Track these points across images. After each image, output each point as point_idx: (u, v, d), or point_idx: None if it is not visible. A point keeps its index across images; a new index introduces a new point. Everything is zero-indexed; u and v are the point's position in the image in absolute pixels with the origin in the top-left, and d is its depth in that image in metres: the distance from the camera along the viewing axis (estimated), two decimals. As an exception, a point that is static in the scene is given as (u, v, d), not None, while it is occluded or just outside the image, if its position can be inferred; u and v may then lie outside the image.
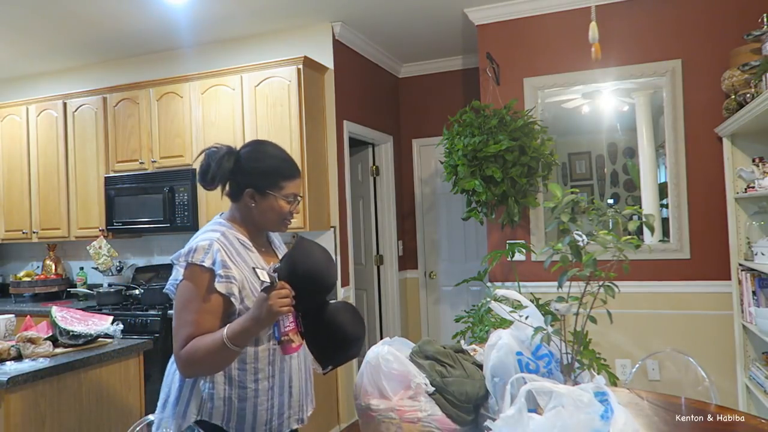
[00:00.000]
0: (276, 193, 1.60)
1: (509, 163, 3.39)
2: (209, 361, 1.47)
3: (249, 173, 1.60)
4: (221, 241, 1.56)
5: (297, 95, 3.65)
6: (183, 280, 1.53)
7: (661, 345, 3.36)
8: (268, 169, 1.60)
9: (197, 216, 3.91)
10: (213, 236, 1.56)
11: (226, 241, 1.57)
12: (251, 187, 1.60)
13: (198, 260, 1.51)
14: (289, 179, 1.62)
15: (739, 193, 3.08)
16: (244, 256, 1.59)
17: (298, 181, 1.64)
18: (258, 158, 1.62)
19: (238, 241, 1.61)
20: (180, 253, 1.56)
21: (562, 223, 1.52)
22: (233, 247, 1.58)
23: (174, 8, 3.61)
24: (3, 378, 1.98)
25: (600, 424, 1.18)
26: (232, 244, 1.58)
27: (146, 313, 3.68)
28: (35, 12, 3.59)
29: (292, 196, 1.62)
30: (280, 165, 1.62)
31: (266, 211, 1.62)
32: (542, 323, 1.58)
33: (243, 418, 1.54)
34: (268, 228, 1.69)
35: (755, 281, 2.90)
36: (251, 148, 1.66)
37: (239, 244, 1.60)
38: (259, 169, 1.60)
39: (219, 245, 1.53)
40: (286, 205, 1.62)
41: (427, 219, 5.09)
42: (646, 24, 3.50)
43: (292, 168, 1.64)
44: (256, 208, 1.62)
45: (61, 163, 4.39)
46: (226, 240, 1.58)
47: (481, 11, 3.82)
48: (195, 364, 1.48)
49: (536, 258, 3.65)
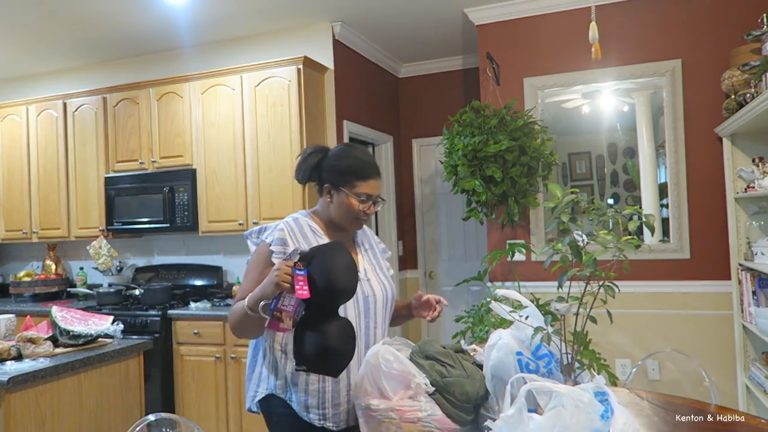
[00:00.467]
0: (348, 190, 1.69)
1: (509, 163, 3.39)
2: (237, 324, 1.62)
3: (329, 170, 1.73)
4: (289, 223, 1.70)
5: (297, 95, 3.65)
6: (252, 255, 1.71)
7: (661, 345, 3.36)
8: (344, 168, 1.70)
9: (197, 216, 3.92)
10: (284, 219, 1.73)
11: (295, 224, 1.71)
12: (329, 183, 1.72)
13: (264, 237, 1.69)
14: (363, 179, 1.70)
15: (739, 193, 3.08)
16: (309, 239, 1.69)
17: (372, 182, 1.72)
18: (340, 157, 1.73)
19: (309, 228, 1.73)
20: (253, 230, 1.75)
21: (562, 223, 1.52)
22: (300, 231, 1.70)
23: (174, 8, 3.61)
24: (3, 378, 1.99)
25: (600, 424, 1.18)
26: (301, 228, 1.71)
27: (146, 313, 3.68)
28: (35, 12, 3.59)
29: (365, 195, 1.70)
30: (357, 165, 1.71)
31: (339, 207, 1.72)
32: (542, 323, 1.58)
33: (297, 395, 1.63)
34: (342, 224, 1.75)
35: (755, 281, 2.90)
36: (338, 148, 1.78)
37: (309, 230, 1.72)
38: (337, 167, 1.71)
39: (284, 225, 1.68)
40: (357, 203, 1.70)
41: (427, 219, 5.10)
42: (646, 24, 3.50)
43: (367, 169, 1.72)
44: (332, 203, 1.73)
45: (61, 163, 4.39)
46: (296, 224, 1.72)
47: (481, 11, 3.82)
48: (233, 326, 1.65)
49: (536, 258, 3.65)
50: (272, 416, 1.70)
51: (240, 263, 4.21)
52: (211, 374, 3.54)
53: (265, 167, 3.73)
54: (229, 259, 4.27)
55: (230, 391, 3.50)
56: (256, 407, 1.74)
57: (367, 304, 1.70)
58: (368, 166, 1.72)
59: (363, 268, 1.76)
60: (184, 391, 3.62)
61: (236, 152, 3.81)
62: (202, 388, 3.57)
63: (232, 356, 3.49)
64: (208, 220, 3.90)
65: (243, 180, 3.79)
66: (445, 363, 1.54)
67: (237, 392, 3.48)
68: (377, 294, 1.74)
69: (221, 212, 3.86)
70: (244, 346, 3.46)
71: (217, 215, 3.87)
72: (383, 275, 1.82)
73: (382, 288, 1.77)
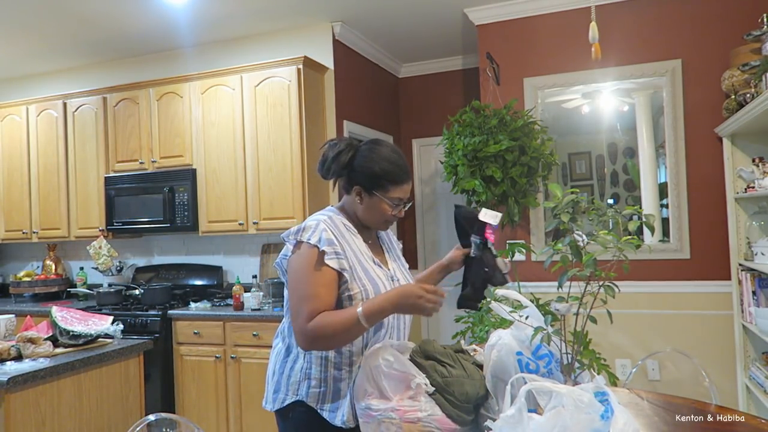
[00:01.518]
0: (381, 195, 1.66)
1: (509, 163, 3.39)
2: (340, 336, 1.53)
3: (360, 172, 1.67)
4: (327, 222, 1.64)
5: (297, 95, 3.65)
6: (292, 255, 1.63)
7: (661, 345, 3.36)
8: (378, 172, 1.65)
9: (197, 216, 3.92)
10: (320, 218, 1.66)
11: (332, 223, 1.65)
12: (360, 185, 1.67)
13: (305, 238, 1.59)
14: (397, 184, 1.66)
15: (739, 193, 3.08)
16: (348, 239, 1.66)
17: (405, 186, 1.68)
18: (372, 158, 1.67)
19: (344, 226, 1.69)
20: (290, 231, 1.65)
21: (562, 223, 1.52)
22: (339, 230, 1.65)
23: (174, 8, 3.61)
24: (3, 378, 1.99)
25: (600, 424, 1.18)
26: (337, 227, 1.66)
27: (146, 313, 3.68)
28: (35, 12, 3.59)
29: (398, 200, 1.68)
30: (391, 170, 1.66)
31: (370, 210, 1.69)
32: (542, 323, 1.58)
33: (337, 400, 1.60)
34: (370, 225, 1.73)
35: (755, 281, 2.90)
36: (368, 147, 1.71)
37: (345, 229, 1.68)
38: (370, 170, 1.66)
39: (325, 225, 1.62)
40: (389, 208, 1.67)
41: (427, 219, 5.09)
42: (646, 24, 3.50)
43: (401, 174, 1.67)
44: (362, 204, 1.69)
45: (61, 163, 4.39)
46: (332, 223, 1.66)
47: (481, 11, 3.82)
48: (324, 338, 1.52)
49: (536, 258, 3.65)
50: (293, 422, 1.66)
51: (240, 263, 4.21)
52: (211, 374, 3.54)
53: (265, 167, 3.73)
54: (229, 259, 4.27)
55: (230, 391, 3.50)
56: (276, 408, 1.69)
57: None
58: (402, 171, 1.67)
59: (391, 268, 1.76)
60: (184, 391, 3.62)
61: (236, 152, 3.81)
62: (202, 388, 3.57)
63: (232, 356, 3.49)
64: (208, 220, 3.90)
65: (243, 180, 3.79)
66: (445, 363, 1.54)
67: (237, 392, 3.48)
68: None
69: (221, 212, 3.86)
70: (245, 346, 3.47)
71: (217, 215, 3.87)
72: (407, 273, 1.83)
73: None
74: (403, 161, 1.71)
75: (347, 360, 1.61)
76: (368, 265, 1.66)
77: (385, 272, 1.70)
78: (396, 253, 1.88)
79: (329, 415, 1.59)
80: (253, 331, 3.43)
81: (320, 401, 1.61)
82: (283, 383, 1.67)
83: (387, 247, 1.85)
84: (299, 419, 1.64)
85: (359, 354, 1.61)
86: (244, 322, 3.46)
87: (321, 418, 1.60)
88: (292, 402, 1.64)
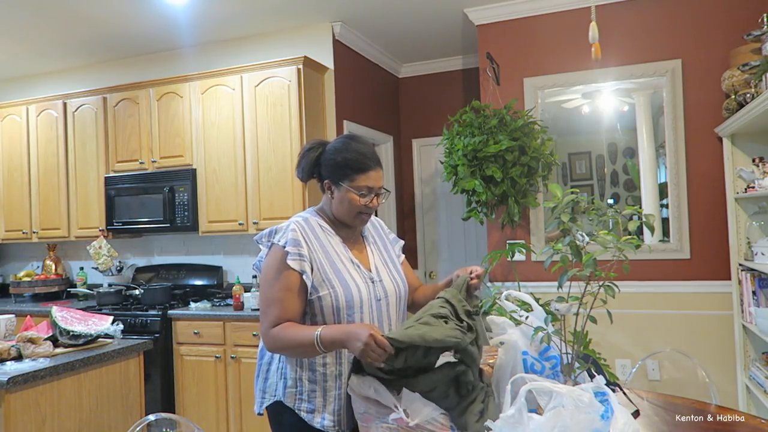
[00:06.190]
0: (348, 185, 1.63)
1: (509, 163, 3.39)
2: (293, 350, 1.56)
3: (326, 165, 1.66)
4: (299, 223, 1.64)
5: (297, 95, 3.65)
6: (265, 258, 1.65)
7: (661, 345, 3.36)
8: (341, 162, 1.63)
9: (197, 216, 3.92)
10: (294, 219, 1.67)
11: (305, 224, 1.65)
12: (328, 179, 1.67)
13: (276, 240, 1.62)
14: (362, 172, 1.63)
15: (739, 193, 3.08)
16: (322, 240, 1.65)
17: (372, 173, 1.64)
18: (337, 150, 1.66)
19: (319, 227, 1.68)
20: (263, 233, 1.66)
21: (562, 223, 1.52)
22: (312, 231, 1.65)
23: (174, 8, 3.61)
24: (3, 378, 1.99)
25: (600, 424, 1.18)
26: (312, 228, 1.65)
27: (146, 313, 3.68)
28: (35, 12, 3.59)
29: (366, 188, 1.64)
30: (354, 158, 1.63)
31: (341, 203, 1.66)
32: (543, 325, 1.58)
33: (312, 401, 1.60)
34: (346, 220, 1.70)
35: (755, 281, 2.90)
36: (336, 142, 1.70)
37: (320, 229, 1.67)
38: (334, 161, 1.65)
39: (296, 226, 1.62)
40: (357, 198, 1.64)
41: (427, 219, 5.09)
42: (646, 24, 3.50)
43: (365, 161, 1.64)
44: (333, 199, 1.68)
45: (61, 163, 4.39)
46: (306, 224, 1.66)
47: (481, 11, 3.82)
48: (281, 348, 1.57)
49: (536, 258, 3.65)
50: (279, 423, 1.67)
51: (240, 263, 4.21)
52: (211, 374, 3.54)
53: (265, 167, 3.73)
54: (229, 259, 4.27)
55: (230, 391, 3.50)
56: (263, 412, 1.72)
57: (380, 308, 1.67)
58: (366, 158, 1.64)
59: (374, 266, 1.72)
60: (184, 391, 3.62)
61: (236, 152, 3.81)
62: (202, 388, 3.57)
63: (232, 356, 3.49)
64: (208, 220, 3.90)
65: (243, 180, 3.79)
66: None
67: (237, 392, 3.48)
68: (390, 295, 1.70)
69: (221, 212, 3.86)
70: (245, 346, 3.47)
71: (217, 215, 3.87)
72: (395, 270, 1.77)
73: (395, 287, 1.73)
74: (368, 150, 1.68)
75: (321, 361, 1.60)
76: (342, 266, 1.63)
77: (362, 274, 1.66)
78: (385, 246, 1.83)
79: (307, 416, 1.60)
80: (253, 331, 3.43)
81: (297, 401, 1.61)
82: (260, 386, 1.71)
83: (373, 241, 1.80)
84: (284, 420, 1.64)
85: (332, 354, 1.60)
86: (244, 322, 3.47)
87: (301, 419, 1.60)
88: (272, 403, 1.65)
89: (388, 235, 1.89)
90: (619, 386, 1.71)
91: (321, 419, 1.58)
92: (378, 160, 1.68)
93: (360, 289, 1.62)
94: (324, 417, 1.58)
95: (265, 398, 1.68)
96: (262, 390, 1.70)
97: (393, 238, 1.91)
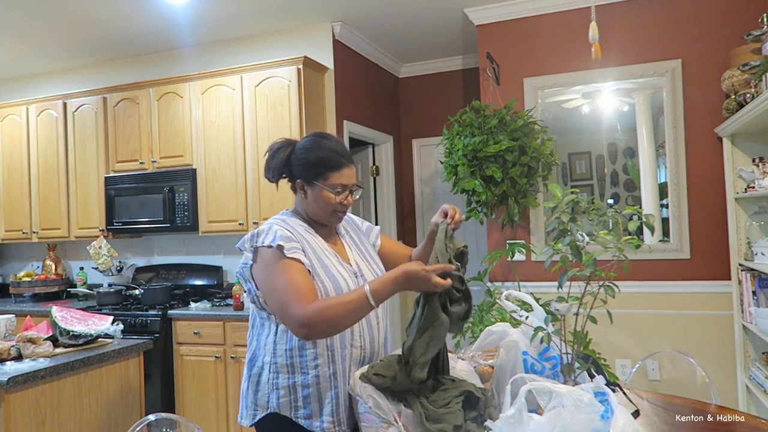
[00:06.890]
0: (322, 184, 1.61)
1: (509, 163, 3.39)
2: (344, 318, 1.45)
3: (298, 165, 1.64)
4: (280, 223, 1.62)
5: (297, 95, 3.65)
6: (255, 264, 1.59)
7: (661, 345, 3.36)
8: (314, 160, 1.61)
9: (197, 216, 3.92)
10: (272, 221, 1.65)
11: (285, 224, 1.63)
12: (301, 179, 1.65)
13: (260, 242, 1.57)
14: (335, 169, 1.61)
15: (739, 193, 3.08)
16: (306, 238, 1.63)
17: (346, 171, 1.62)
18: (308, 149, 1.64)
19: (300, 227, 1.66)
20: (244, 239, 1.62)
21: (562, 223, 1.52)
22: (293, 230, 1.62)
23: (174, 8, 3.61)
24: (3, 378, 1.99)
25: (600, 424, 1.18)
26: (293, 228, 1.63)
27: (146, 313, 3.68)
28: (36, 12, 3.59)
29: (340, 186, 1.62)
30: (327, 155, 1.62)
31: (315, 202, 1.64)
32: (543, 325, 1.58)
33: (308, 407, 1.58)
34: (320, 220, 1.68)
35: (755, 281, 2.90)
36: (306, 140, 1.68)
37: (302, 229, 1.65)
38: (306, 160, 1.63)
39: (278, 226, 1.59)
40: (332, 195, 1.62)
41: (427, 219, 5.09)
42: (646, 24, 3.50)
43: (338, 159, 1.62)
44: (307, 199, 1.66)
45: (61, 163, 4.39)
46: (286, 224, 1.63)
47: (481, 11, 3.82)
48: (326, 321, 1.43)
49: (536, 258, 3.65)
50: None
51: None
52: (211, 374, 3.54)
53: (265, 167, 3.72)
54: (229, 259, 4.27)
55: (230, 391, 3.50)
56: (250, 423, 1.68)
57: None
58: (339, 155, 1.62)
59: (353, 261, 1.71)
60: (184, 391, 3.62)
61: (236, 152, 3.81)
62: (202, 388, 3.57)
63: (232, 356, 3.49)
64: (208, 220, 3.90)
65: (243, 180, 3.79)
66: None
67: (237, 392, 3.48)
68: None
69: (221, 212, 3.86)
70: (245, 346, 3.46)
71: (217, 215, 3.87)
72: (373, 262, 1.77)
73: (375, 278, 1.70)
74: (340, 147, 1.66)
75: (312, 363, 1.58)
76: (329, 261, 1.63)
77: (347, 269, 1.66)
78: (361, 240, 1.82)
79: (305, 422, 1.58)
80: (253, 331, 3.43)
81: (292, 409, 1.59)
82: (250, 398, 1.66)
83: (349, 238, 1.80)
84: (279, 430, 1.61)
85: (323, 354, 1.58)
86: (245, 322, 3.46)
87: (300, 426, 1.58)
88: (265, 415, 1.62)
89: (361, 227, 1.88)
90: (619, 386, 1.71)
91: (320, 422, 1.57)
92: (350, 157, 1.67)
93: (348, 282, 1.62)
94: (322, 420, 1.57)
95: (258, 411, 1.64)
96: (253, 402, 1.66)
97: (368, 227, 1.90)
